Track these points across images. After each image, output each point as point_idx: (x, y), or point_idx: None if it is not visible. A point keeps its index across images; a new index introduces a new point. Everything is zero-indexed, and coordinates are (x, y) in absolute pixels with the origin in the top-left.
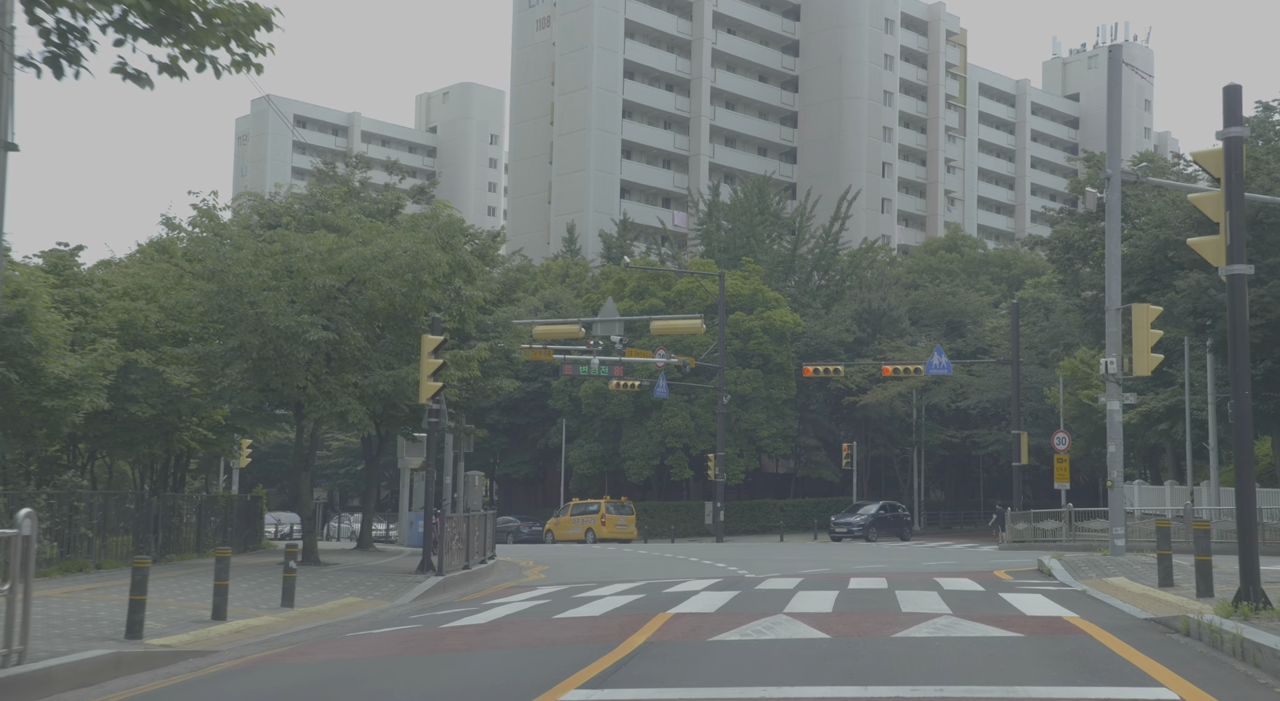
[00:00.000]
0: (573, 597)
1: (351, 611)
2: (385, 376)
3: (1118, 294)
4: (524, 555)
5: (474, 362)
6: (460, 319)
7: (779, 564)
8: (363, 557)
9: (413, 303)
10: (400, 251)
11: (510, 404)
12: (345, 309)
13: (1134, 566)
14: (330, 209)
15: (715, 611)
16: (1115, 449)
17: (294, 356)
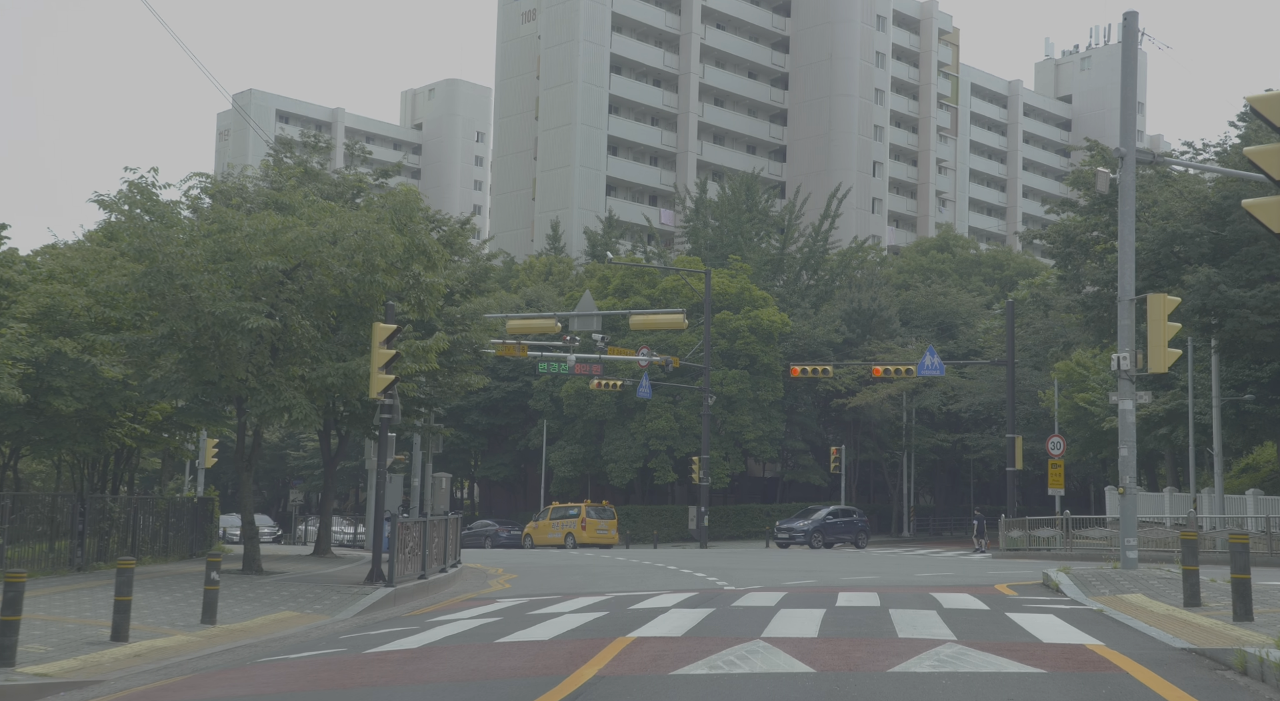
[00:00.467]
0: (528, 614)
1: (283, 628)
2: (335, 369)
3: (1131, 283)
4: (497, 561)
5: (432, 354)
6: (420, 308)
7: (762, 574)
8: (314, 565)
9: (367, 289)
10: (351, 232)
11: (490, 404)
12: (293, 295)
13: (1150, 581)
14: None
15: (683, 635)
16: (1128, 452)
17: (233, 346)
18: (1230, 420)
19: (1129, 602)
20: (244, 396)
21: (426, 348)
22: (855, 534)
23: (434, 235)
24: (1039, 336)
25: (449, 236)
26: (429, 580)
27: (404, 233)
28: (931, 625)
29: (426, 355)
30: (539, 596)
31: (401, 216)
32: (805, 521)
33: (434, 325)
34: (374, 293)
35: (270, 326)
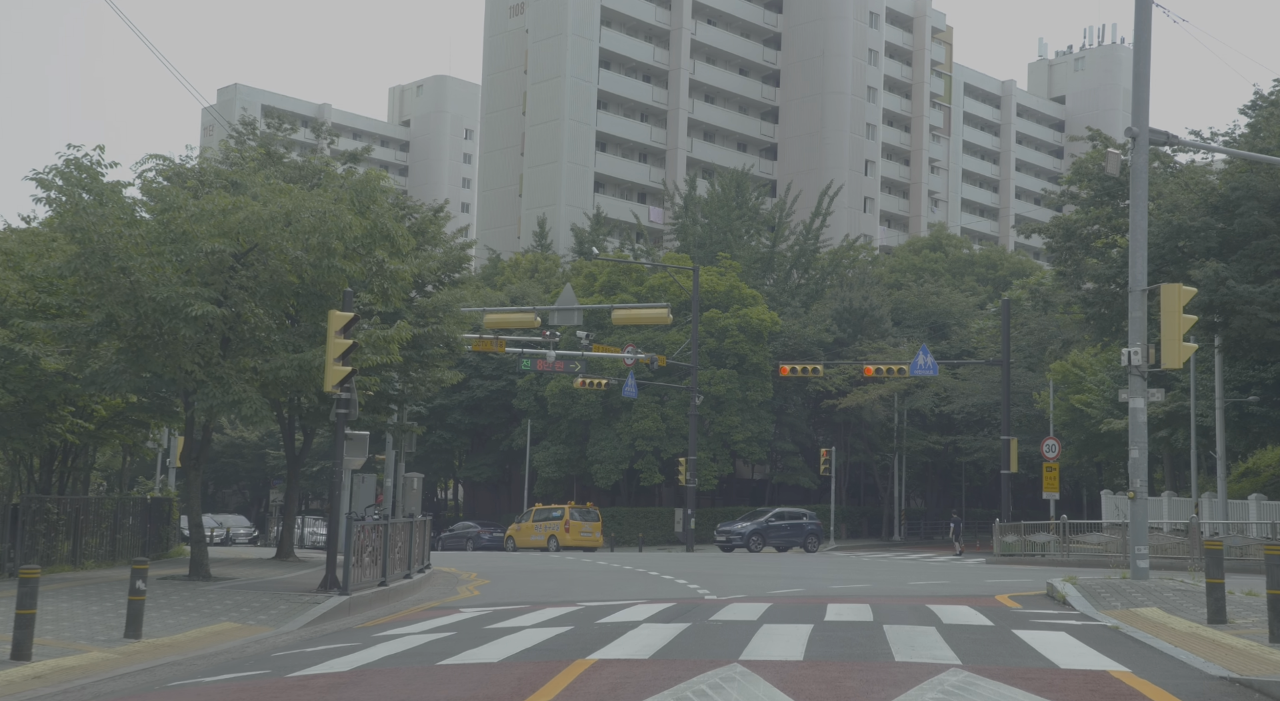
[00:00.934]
0: (485, 628)
1: (217, 642)
2: (290, 360)
3: (1143, 272)
4: (474, 565)
5: (394, 345)
6: (385, 297)
7: (747, 581)
8: (272, 569)
9: (326, 276)
10: (305, 212)
11: (473, 403)
12: (245, 282)
13: (1164, 593)
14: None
15: (651, 657)
16: (1139, 454)
17: (177, 335)
18: (1233, 422)
19: (1145, 618)
20: (191, 389)
21: (388, 338)
22: (804, 537)
23: (405, 223)
24: (1033, 337)
25: (421, 224)
26: (390, 587)
27: (365, 215)
28: (932, 645)
29: (388, 346)
30: (505, 605)
31: (363, 198)
32: (747, 523)
33: (404, 316)
34: (334, 279)
35: (218, 314)
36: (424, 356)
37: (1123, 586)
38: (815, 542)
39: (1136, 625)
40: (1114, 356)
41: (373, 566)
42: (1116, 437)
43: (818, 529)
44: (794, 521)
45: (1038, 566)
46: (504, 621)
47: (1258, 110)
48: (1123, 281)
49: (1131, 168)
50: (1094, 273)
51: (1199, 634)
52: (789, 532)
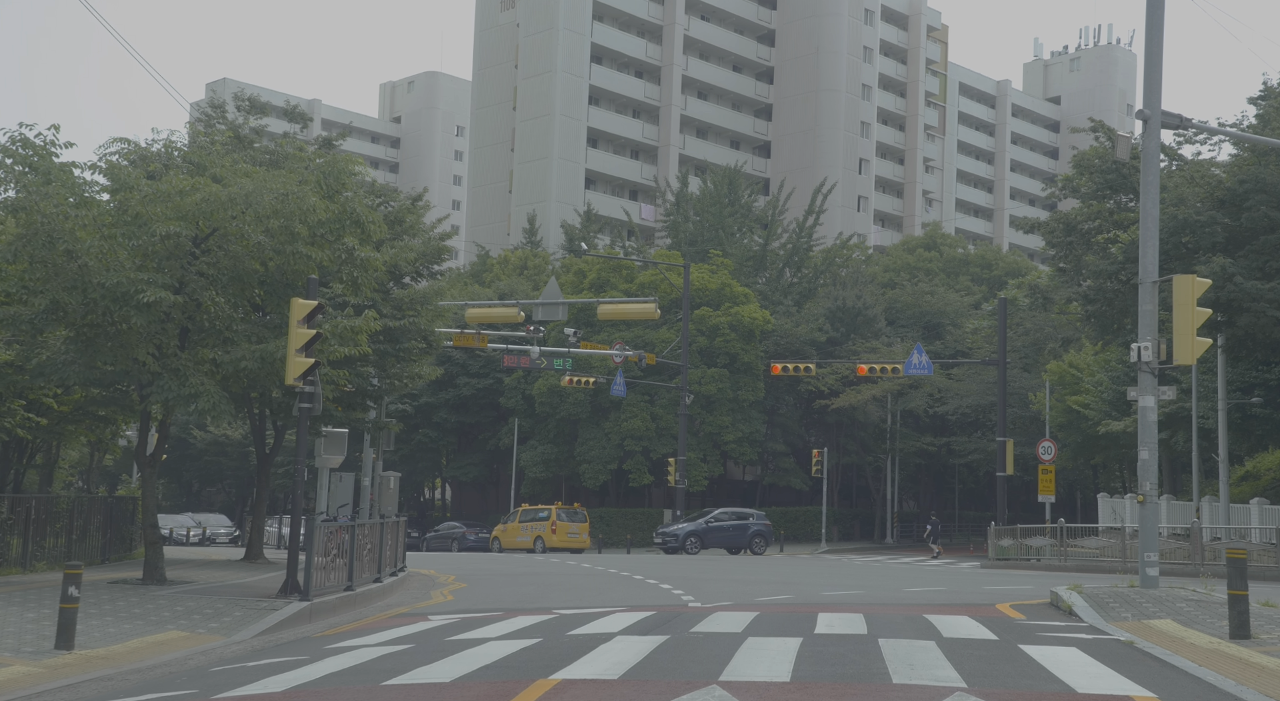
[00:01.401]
0: (447, 640)
1: (158, 653)
2: (251, 352)
3: (1154, 263)
4: (455, 567)
5: (361, 335)
6: (355, 287)
7: (734, 587)
8: (235, 572)
9: (291, 263)
10: (266, 193)
11: (459, 401)
12: (206, 268)
13: (1176, 604)
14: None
15: (621, 677)
16: (1149, 455)
17: (129, 323)
18: (1235, 424)
19: (1160, 631)
20: (146, 382)
21: (355, 328)
22: (749, 539)
23: (381, 211)
24: (1029, 338)
25: (398, 213)
26: (358, 592)
27: (334, 200)
28: (932, 663)
29: (356, 337)
30: (477, 612)
31: (331, 181)
32: (686, 524)
33: (379, 308)
34: (300, 267)
35: (174, 302)
36: (400, 350)
37: (1131, 595)
38: (762, 545)
39: (1152, 639)
40: (1112, 357)
41: (338, 569)
42: (1114, 440)
43: (766, 530)
44: (738, 522)
45: (1034, 571)
46: (469, 631)
47: (1267, 100)
48: (1124, 277)
49: (1143, 151)
50: (1095, 269)
51: (1223, 651)
52: (732, 534)
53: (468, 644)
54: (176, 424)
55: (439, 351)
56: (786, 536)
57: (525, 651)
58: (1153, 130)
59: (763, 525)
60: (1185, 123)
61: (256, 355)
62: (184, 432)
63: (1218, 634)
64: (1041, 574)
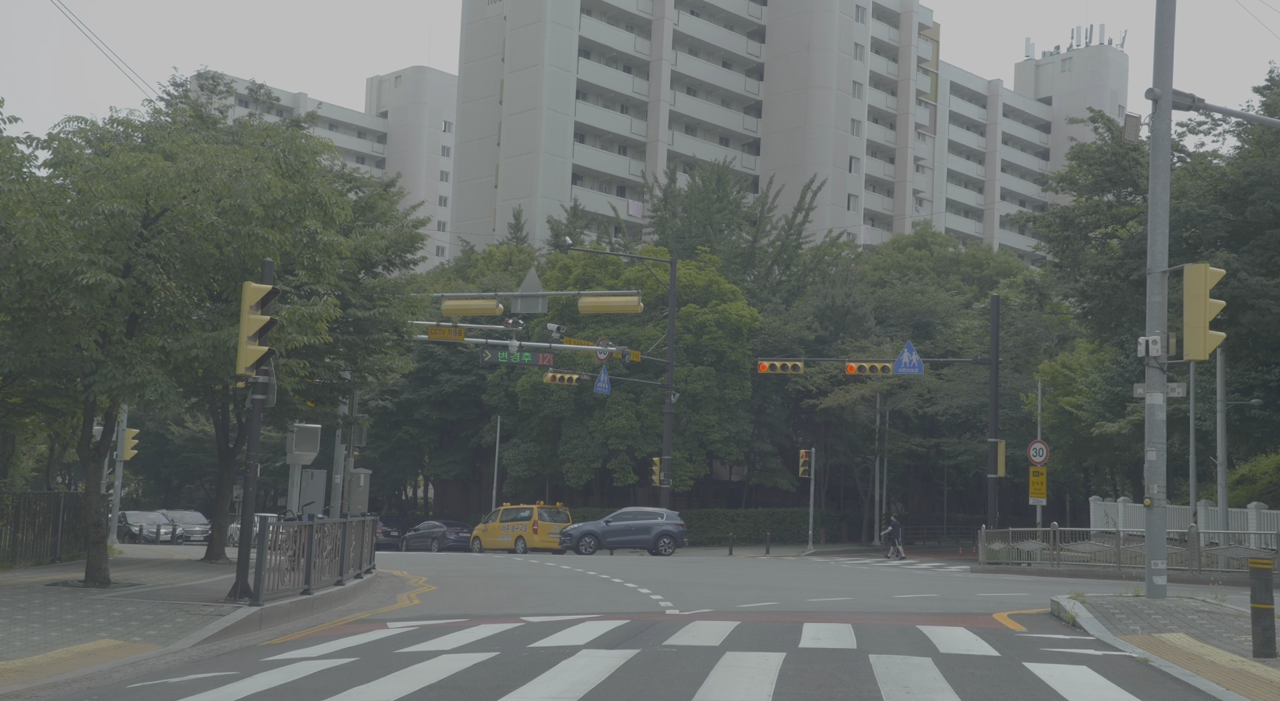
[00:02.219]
0: (397, 652)
1: (83, 665)
2: (203, 339)
3: (1164, 251)
4: (430, 568)
5: (321, 323)
6: (317, 272)
7: (716, 591)
8: (190, 573)
9: (248, 246)
10: (218, 169)
11: (441, 398)
12: (156, 251)
13: (1187, 616)
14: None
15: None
16: (1156, 456)
17: (69, 308)
18: (1234, 427)
19: (1175, 647)
20: (90, 370)
21: (314, 315)
22: (654, 540)
23: (351, 196)
24: (1021, 338)
25: (369, 199)
26: (316, 596)
27: (294, 179)
28: (930, 685)
29: (315, 325)
30: (440, 619)
31: (291, 159)
32: (587, 524)
33: (349, 298)
34: (258, 251)
35: (117, 286)
36: (370, 342)
37: (1138, 606)
38: (670, 545)
39: (1168, 657)
40: (1106, 357)
41: (294, 572)
42: (1108, 442)
43: (675, 531)
44: (643, 522)
45: (1026, 576)
46: (424, 642)
47: (1273, 89)
48: (1123, 273)
49: (1152, 132)
50: (1093, 264)
51: (1249, 671)
52: (635, 534)
53: (417, 657)
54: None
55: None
56: (773, 538)
57: (478, 668)
58: (1163, 110)
59: (672, 525)
60: (1198, 103)
61: (209, 343)
62: (162, 428)
63: (1239, 651)
64: (1035, 579)
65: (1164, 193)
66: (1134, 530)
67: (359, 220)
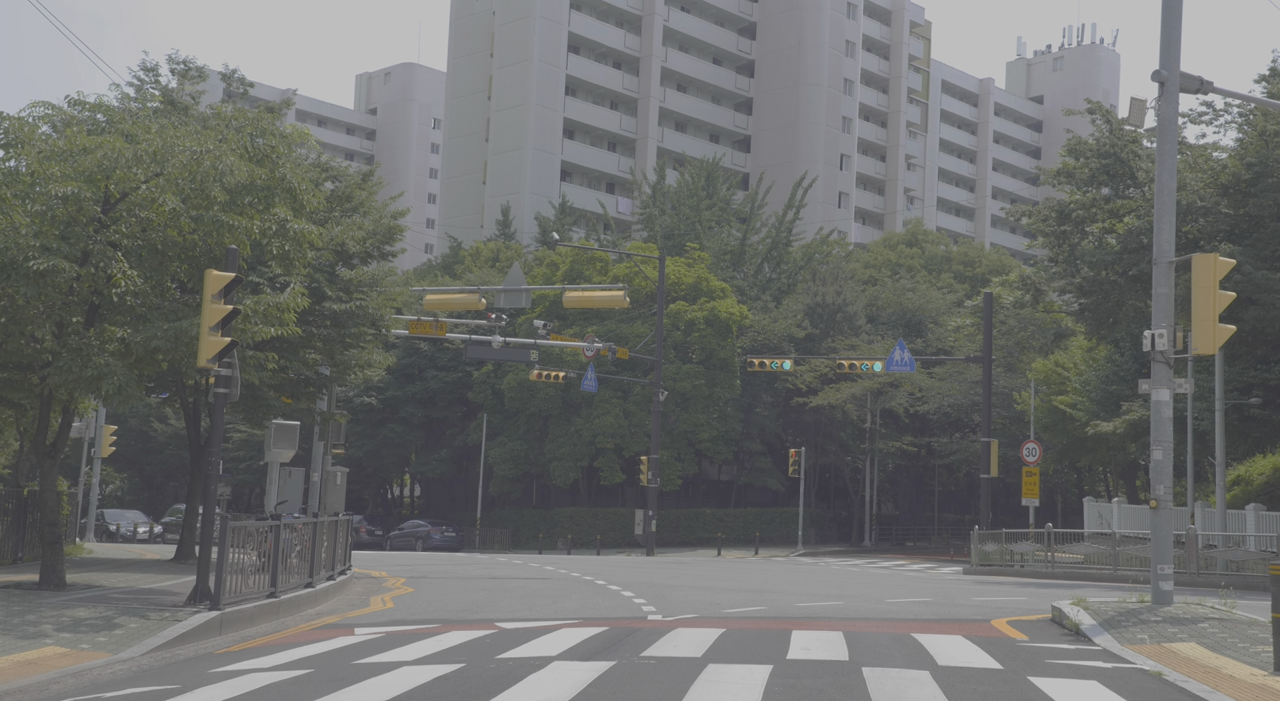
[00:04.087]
0: (354, 664)
1: (22, 675)
2: (164, 330)
3: (1171, 241)
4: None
5: (289, 314)
6: (287, 262)
7: (702, 594)
8: (154, 574)
9: (213, 234)
10: (179, 151)
11: (427, 395)
12: (118, 238)
13: (1198, 624)
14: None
15: None
16: (1162, 455)
17: (21, 296)
18: (1232, 427)
19: (1188, 658)
20: (44, 362)
21: (281, 305)
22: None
23: (326, 187)
24: (1013, 337)
25: (346, 190)
26: (283, 599)
27: (262, 164)
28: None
29: (282, 315)
30: (410, 624)
31: (259, 143)
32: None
33: (325, 291)
34: (223, 238)
35: (73, 274)
36: (347, 335)
37: (1143, 612)
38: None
39: (1182, 669)
40: (1102, 355)
41: (260, 573)
42: (1102, 441)
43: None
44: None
45: (1020, 579)
46: (388, 651)
47: (1275, 78)
48: (1121, 268)
49: (1159, 117)
50: (1090, 259)
51: (1271, 686)
52: None
53: (376, 670)
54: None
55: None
56: (762, 538)
57: (438, 682)
58: (1170, 93)
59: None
60: (1206, 86)
61: (170, 334)
62: (145, 425)
63: (1257, 663)
64: (1030, 582)
65: (1171, 179)
66: (1129, 532)
67: (335, 211)
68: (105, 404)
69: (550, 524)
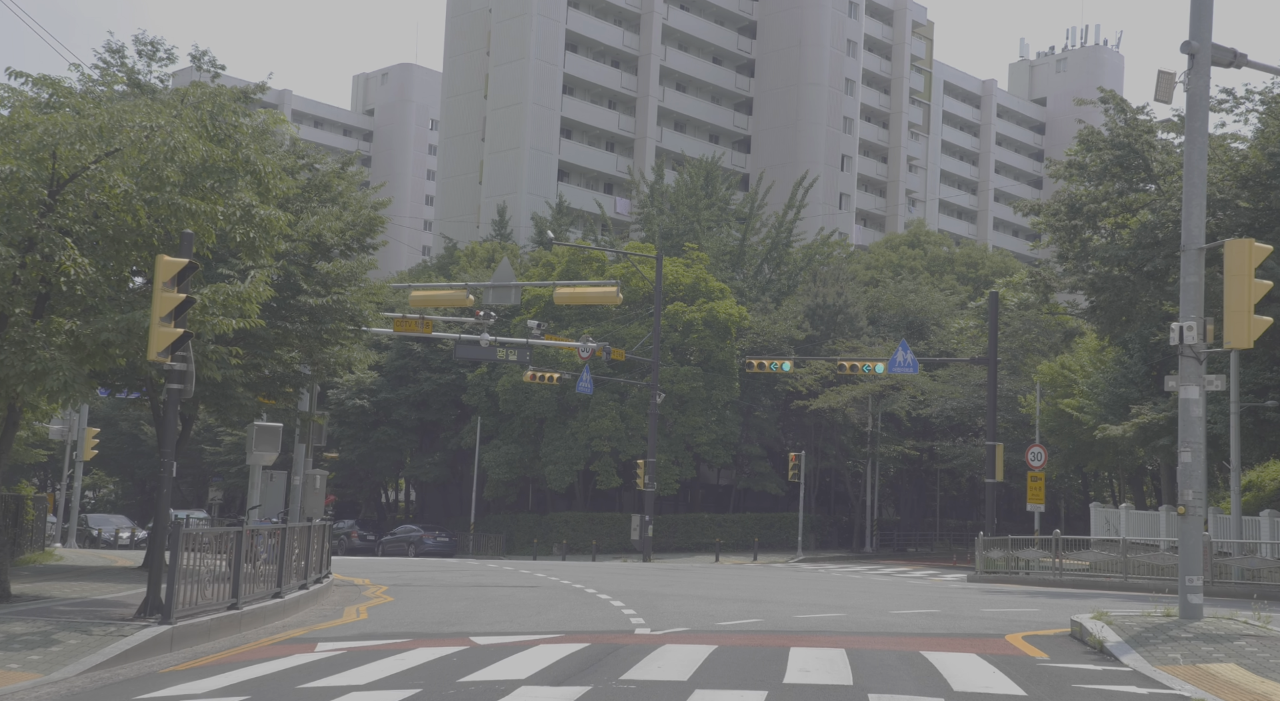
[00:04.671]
0: (299, 688)
1: None
2: (116, 322)
3: (1201, 225)
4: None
5: (250, 305)
6: (252, 250)
7: (696, 604)
8: (111, 583)
9: (168, 216)
10: (130, 126)
11: (420, 397)
12: (67, 223)
13: (1234, 641)
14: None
15: None
16: (1191, 458)
17: None
18: (1247, 430)
19: (1231, 683)
20: None
21: (242, 295)
22: None
23: (303, 175)
24: (1017, 340)
25: (325, 179)
26: (245, 611)
27: (223, 143)
28: None
29: (244, 307)
30: (378, 639)
31: (220, 121)
32: None
33: (299, 284)
34: (185, 223)
35: (18, 261)
36: (325, 331)
37: (1171, 628)
38: None
39: (1227, 696)
40: (1110, 357)
41: (220, 583)
42: (1110, 446)
43: None
44: None
45: (1027, 586)
46: (342, 672)
47: None
48: (1135, 264)
49: (1189, 92)
50: (1103, 255)
51: None
52: None
53: (319, 696)
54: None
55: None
56: (761, 544)
57: None
58: (1201, 66)
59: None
60: (1240, 59)
61: (122, 326)
62: (135, 428)
63: None
64: (1038, 590)
65: (1201, 160)
66: (1137, 539)
67: (313, 201)
68: (50, 401)
69: (545, 529)
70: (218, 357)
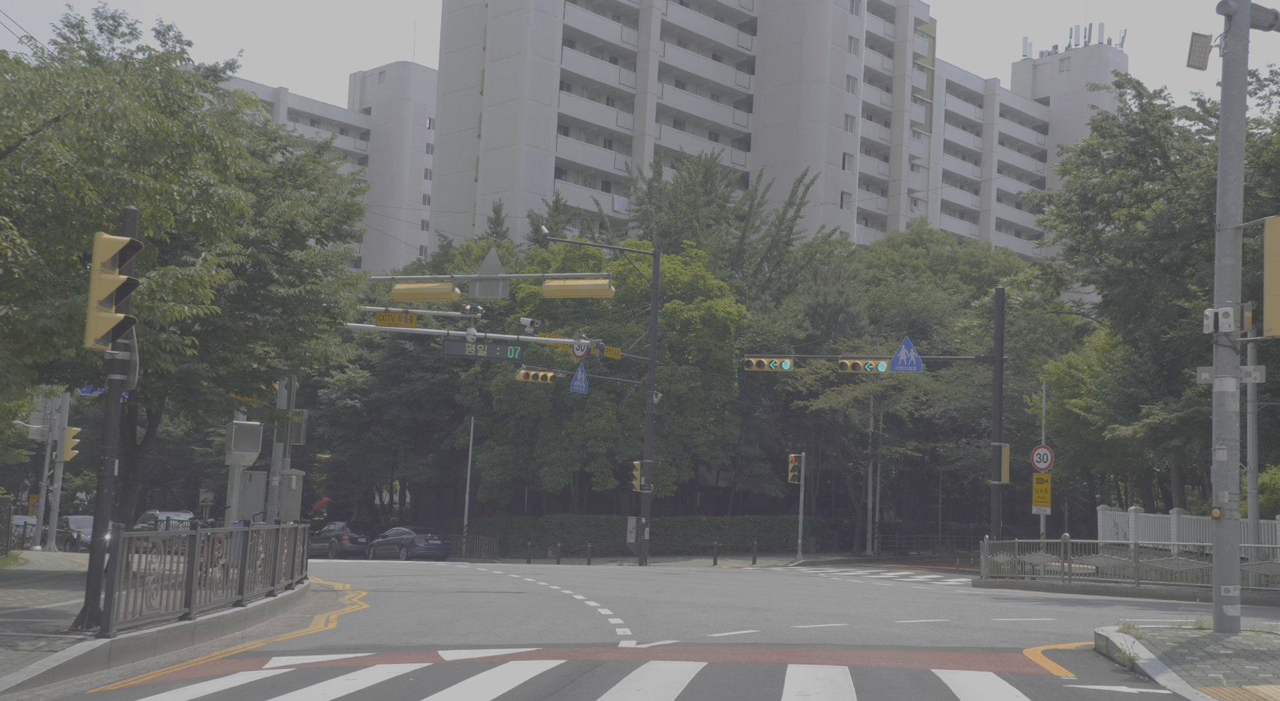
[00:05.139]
0: None
1: None
2: (56, 308)
3: (1238, 203)
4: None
5: (203, 289)
6: (208, 232)
7: (689, 612)
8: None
9: (116, 194)
10: (69, 91)
11: (413, 397)
12: (9, 201)
13: (1278, 658)
14: None
15: None
16: (1226, 456)
17: None
18: (1264, 431)
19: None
20: None
21: (193, 279)
22: None
23: (275, 159)
24: (1022, 339)
25: (299, 162)
26: (200, 621)
27: (176, 116)
28: None
29: (195, 292)
30: (338, 653)
31: (171, 90)
32: None
33: (269, 273)
34: (134, 201)
35: None
36: (298, 324)
37: (1208, 643)
38: None
39: None
40: (1119, 355)
41: (171, 590)
42: (1119, 447)
43: None
44: None
45: (1036, 592)
46: (285, 694)
47: None
48: (1150, 256)
49: (1225, 58)
50: (1117, 247)
51: None
52: None
53: None
54: None
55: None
56: (761, 547)
57: None
58: (1239, 28)
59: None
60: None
61: (62, 312)
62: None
63: None
64: (1049, 597)
65: (1239, 131)
66: (1146, 542)
67: (287, 185)
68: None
69: (540, 531)
70: (171, 347)
